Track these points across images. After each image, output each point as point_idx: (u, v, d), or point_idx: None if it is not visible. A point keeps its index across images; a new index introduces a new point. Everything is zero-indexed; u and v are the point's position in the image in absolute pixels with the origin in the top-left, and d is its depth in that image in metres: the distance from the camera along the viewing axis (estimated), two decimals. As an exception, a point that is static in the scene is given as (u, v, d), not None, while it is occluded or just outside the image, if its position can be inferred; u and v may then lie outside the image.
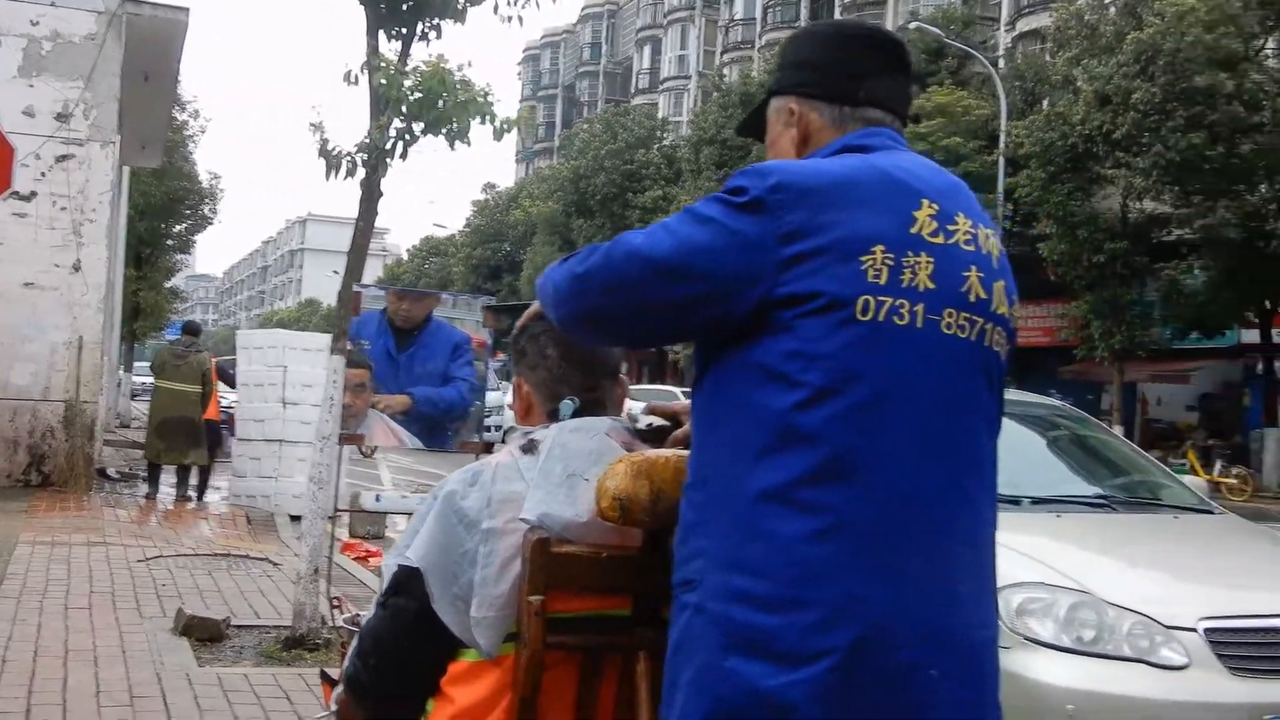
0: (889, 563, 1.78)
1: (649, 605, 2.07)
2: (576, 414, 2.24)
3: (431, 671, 2.10)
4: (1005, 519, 4.95)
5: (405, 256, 79.49)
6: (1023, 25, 38.11)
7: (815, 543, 1.76)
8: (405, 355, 5.89)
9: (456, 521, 2.07)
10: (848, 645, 1.73)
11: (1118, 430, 26.65)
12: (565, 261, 2.00)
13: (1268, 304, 24.33)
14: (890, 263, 1.84)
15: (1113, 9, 25.47)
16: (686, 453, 2.01)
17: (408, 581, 2.10)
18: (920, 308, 1.85)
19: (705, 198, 1.90)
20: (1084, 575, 4.50)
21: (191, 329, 14.69)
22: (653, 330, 1.97)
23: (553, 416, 2.26)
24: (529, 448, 2.15)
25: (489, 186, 62.09)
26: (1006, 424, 6.68)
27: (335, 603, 6.43)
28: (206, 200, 35.49)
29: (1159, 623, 4.27)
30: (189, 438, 13.55)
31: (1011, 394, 8.14)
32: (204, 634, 6.68)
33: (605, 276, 1.89)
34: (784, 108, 2.11)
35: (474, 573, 2.04)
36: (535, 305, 2.25)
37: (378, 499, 6.52)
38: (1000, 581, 4.50)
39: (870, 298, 1.82)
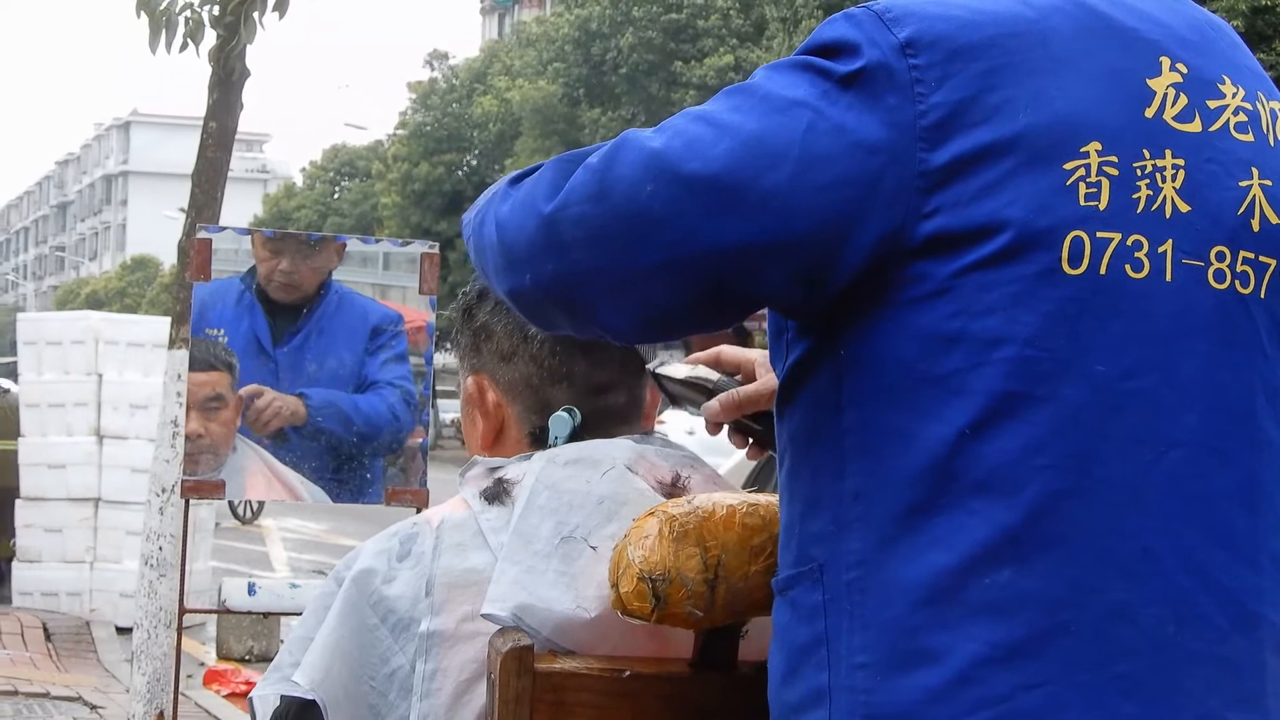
0: (1149, 686, 1.74)
1: (707, 757, 2.08)
2: (576, 436, 2.24)
3: None
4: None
5: (300, 181, 79.82)
6: None
7: (1019, 663, 1.72)
8: (288, 348, 5.86)
9: (377, 620, 2.09)
10: None
11: None
12: (517, 184, 1.91)
13: None
14: (1114, 171, 1.78)
15: None
16: (761, 499, 1.99)
17: (297, 723, 2.12)
18: (1168, 247, 1.79)
19: (777, 63, 1.81)
20: None
21: None
22: (682, 306, 1.84)
23: (538, 440, 2.27)
24: (496, 493, 2.16)
25: (438, 58, 62.21)
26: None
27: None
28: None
29: None
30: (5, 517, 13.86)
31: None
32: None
33: (601, 208, 1.78)
34: None
35: (407, 706, 2.05)
36: None
37: (252, 591, 6.54)
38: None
39: (1084, 234, 1.75)
